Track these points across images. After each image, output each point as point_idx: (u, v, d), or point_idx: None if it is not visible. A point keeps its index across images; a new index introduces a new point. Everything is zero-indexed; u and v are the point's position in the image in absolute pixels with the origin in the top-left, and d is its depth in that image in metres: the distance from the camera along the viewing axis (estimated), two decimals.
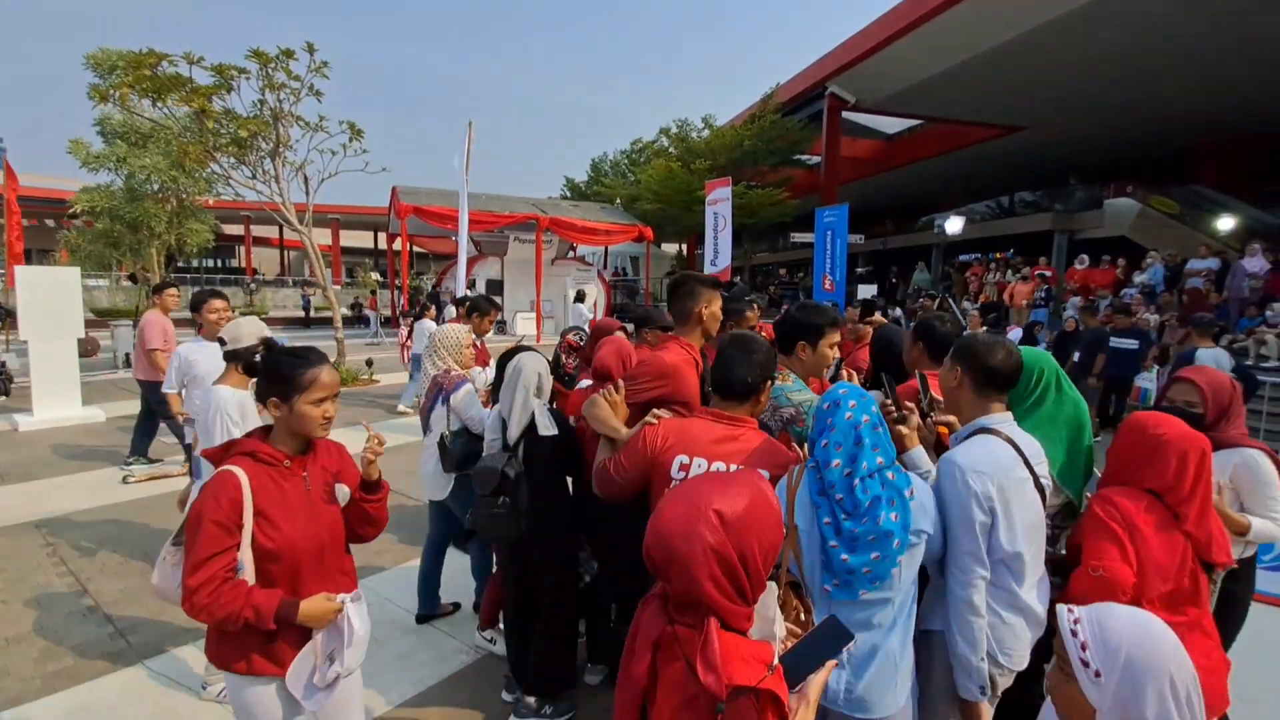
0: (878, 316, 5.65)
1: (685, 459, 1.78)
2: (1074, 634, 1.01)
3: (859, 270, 24.53)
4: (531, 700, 2.54)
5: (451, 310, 8.56)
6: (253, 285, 27.23)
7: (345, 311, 21.25)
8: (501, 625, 2.82)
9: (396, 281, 20.14)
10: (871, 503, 1.50)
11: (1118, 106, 15.27)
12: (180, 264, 18.89)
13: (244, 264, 34.13)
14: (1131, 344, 8.31)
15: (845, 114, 17.99)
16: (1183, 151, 17.18)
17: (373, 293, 23.89)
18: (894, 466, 1.59)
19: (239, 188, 10.60)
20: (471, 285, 18.38)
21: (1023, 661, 1.72)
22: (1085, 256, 13.12)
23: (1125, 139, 17.33)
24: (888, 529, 1.48)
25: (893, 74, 15.57)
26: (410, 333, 9.03)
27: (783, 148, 19.63)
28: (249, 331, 2.70)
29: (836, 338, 2.33)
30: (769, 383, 1.90)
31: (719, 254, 14.59)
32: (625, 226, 19.28)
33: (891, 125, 21.05)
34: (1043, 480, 1.75)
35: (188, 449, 3.99)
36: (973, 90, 15.19)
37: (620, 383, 2.18)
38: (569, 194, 30.36)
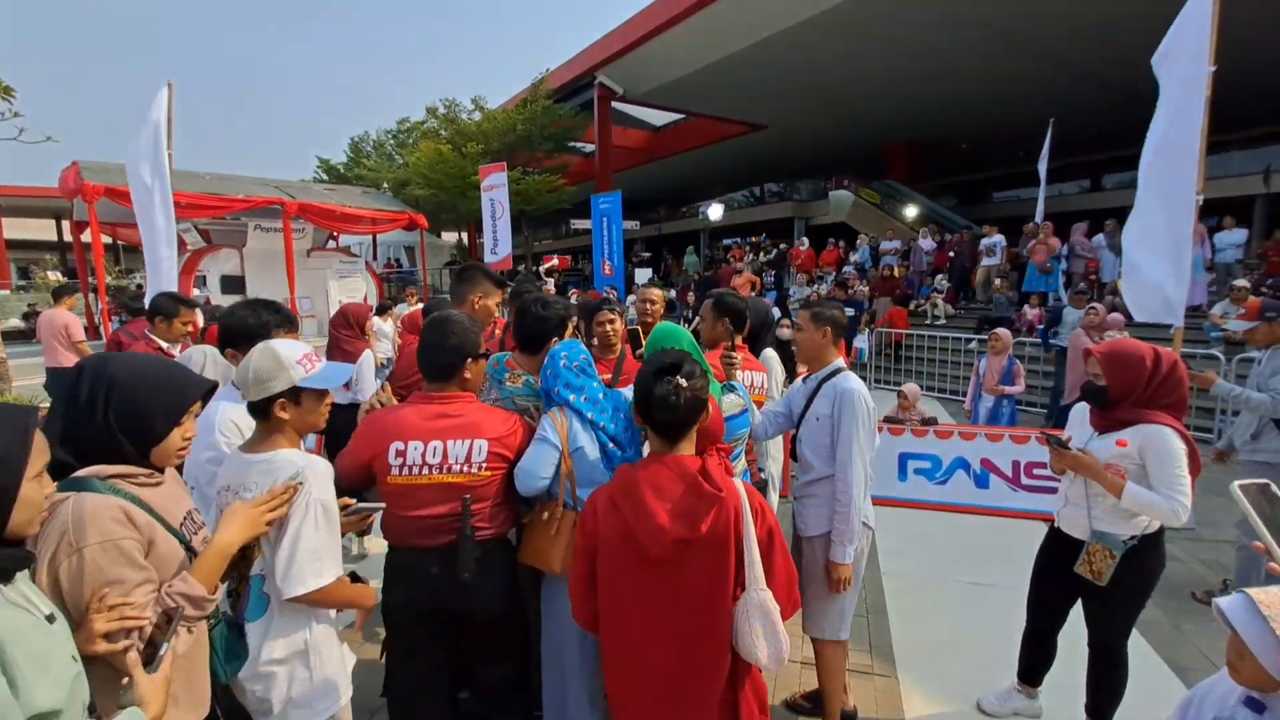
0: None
1: (400, 445, 1.91)
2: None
3: (641, 255, 25.85)
4: None
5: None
6: None
7: (16, 322, 16.49)
8: None
9: (91, 281, 16.02)
10: (614, 408, 2.10)
11: (834, 113, 18.03)
12: None
13: None
14: (849, 312, 9.97)
15: (615, 104, 18.57)
16: (882, 151, 20.94)
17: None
18: (604, 390, 2.16)
19: None
20: (202, 283, 15.39)
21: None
22: (805, 239, 15.40)
23: (842, 139, 20.55)
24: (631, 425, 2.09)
25: (655, 69, 16.43)
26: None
27: (556, 134, 19.62)
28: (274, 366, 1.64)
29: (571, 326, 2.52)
30: (471, 360, 2.01)
31: (499, 242, 14.09)
32: (393, 214, 17.59)
33: (659, 118, 22.30)
34: None
35: None
36: (723, 89, 16.71)
37: (385, 385, 2.59)
38: (325, 176, 26.91)
